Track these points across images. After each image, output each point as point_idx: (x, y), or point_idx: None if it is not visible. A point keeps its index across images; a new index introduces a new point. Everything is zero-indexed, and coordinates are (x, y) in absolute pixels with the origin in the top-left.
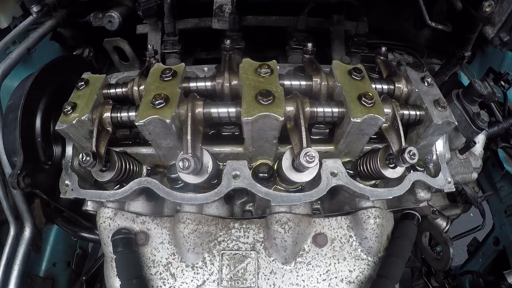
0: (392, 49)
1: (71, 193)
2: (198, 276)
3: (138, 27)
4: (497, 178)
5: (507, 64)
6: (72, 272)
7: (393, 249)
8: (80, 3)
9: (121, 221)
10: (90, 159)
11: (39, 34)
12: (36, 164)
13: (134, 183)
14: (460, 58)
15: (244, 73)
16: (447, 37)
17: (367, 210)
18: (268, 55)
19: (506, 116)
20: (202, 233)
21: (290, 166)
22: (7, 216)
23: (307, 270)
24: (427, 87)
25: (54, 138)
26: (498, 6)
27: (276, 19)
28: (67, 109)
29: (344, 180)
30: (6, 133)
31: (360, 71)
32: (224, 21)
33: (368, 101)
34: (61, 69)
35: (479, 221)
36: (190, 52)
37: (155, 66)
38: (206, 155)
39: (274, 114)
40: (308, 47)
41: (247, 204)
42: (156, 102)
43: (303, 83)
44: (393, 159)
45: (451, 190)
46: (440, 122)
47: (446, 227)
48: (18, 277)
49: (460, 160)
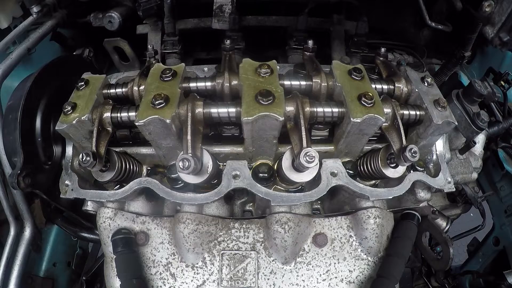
0: (392, 49)
1: (71, 193)
2: (198, 276)
3: (138, 27)
4: (497, 178)
5: (507, 64)
6: (72, 272)
7: (393, 249)
8: (80, 3)
9: (121, 221)
10: (90, 159)
11: (39, 34)
12: (36, 164)
13: (134, 183)
14: (460, 58)
15: (244, 73)
16: (447, 37)
17: (367, 210)
18: (268, 55)
19: (506, 116)
20: (202, 233)
21: (290, 166)
22: (7, 216)
23: (307, 270)
24: (427, 87)
25: (54, 138)
26: (498, 6)
27: (276, 19)
28: (67, 109)
29: (344, 180)
30: (6, 133)
31: (360, 71)
32: (224, 21)
33: (368, 101)
34: (61, 69)
35: (479, 221)
36: (190, 52)
37: (155, 66)
38: (206, 155)
39: (274, 114)
40: (309, 45)
41: (247, 204)
42: (156, 102)
43: (303, 83)
44: (394, 158)
45: (451, 190)
46: (440, 122)
47: (446, 227)
48: (18, 277)
49: (460, 160)
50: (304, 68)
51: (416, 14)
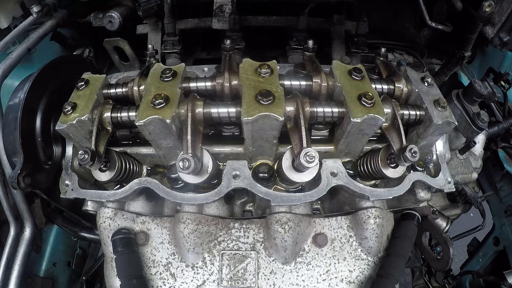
0: (392, 49)
1: (71, 193)
2: (198, 276)
3: (138, 27)
4: (497, 178)
5: (507, 64)
6: (72, 272)
7: (393, 249)
8: (80, 3)
9: (121, 221)
10: (88, 157)
11: (39, 34)
12: (36, 164)
13: (134, 183)
14: (460, 58)
15: (244, 73)
16: (447, 37)
17: (367, 210)
18: (268, 55)
19: (506, 116)
20: (202, 233)
21: (290, 166)
22: (7, 216)
23: (307, 270)
24: (427, 87)
25: (54, 138)
26: (498, 6)
27: (276, 19)
28: (67, 109)
29: (344, 180)
30: (6, 133)
31: (360, 71)
32: (224, 21)
33: (368, 101)
34: (61, 69)
35: (479, 221)
36: (190, 52)
37: (155, 66)
38: (206, 155)
39: (274, 114)
40: (309, 45)
41: (247, 204)
42: (156, 102)
43: (303, 83)
44: (394, 158)
45: (451, 190)
46: (440, 122)
47: (446, 227)
48: (18, 277)
49: (460, 160)
50: (304, 68)
51: (416, 14)
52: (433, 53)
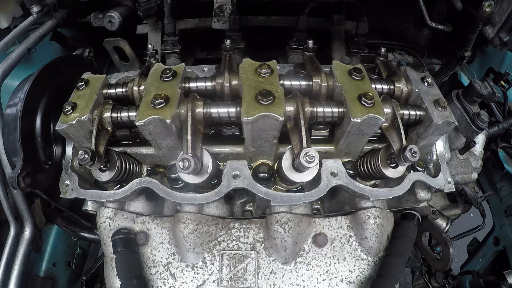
0: (392, 49)
1: (71, 193)
2: (198, 276)
3: (138, 27)
4: (497, 178)
5: (507, 64)
6: (72, 272)
7: (393, 249)
8: (80, 3)
9: (121, 221)
10: (88, 157)
11: (39, 34)
12: (36, 164)
13: (134, 183)
14: (460, 58)
15: (244, 73)
16: (447, 37)
17: (367, 210)
18: (268, 55)
19: (506, 116)
20: (202, 233)
21: (290, 166)
22: (7, 216)
23: (307, 270)
24: (427, 87)
25: (54, 138)
26: (498, 6)
27: (276, 19)
28: (67, 109)
29: (344, 180)
30: (6, 133)
31: (360, 71)
32: (224, 21)
33: (368, 101)
34: (61, 69)
35: (479, 221)
36: (190, 52)
37: (155, 66)
38: (206, 155)
39: (274, 114)
40: (309, 45)
41: (247, 204)
42: (156, 102)
43: (303, 83)
44: (394, 158)
45: (451, 190)
46: (440, 122)
47: (446, 227)
48: (18, 277)
49: (460, 160)
50: (304, 68)
51: (416, 14)
52: (433, 53)
